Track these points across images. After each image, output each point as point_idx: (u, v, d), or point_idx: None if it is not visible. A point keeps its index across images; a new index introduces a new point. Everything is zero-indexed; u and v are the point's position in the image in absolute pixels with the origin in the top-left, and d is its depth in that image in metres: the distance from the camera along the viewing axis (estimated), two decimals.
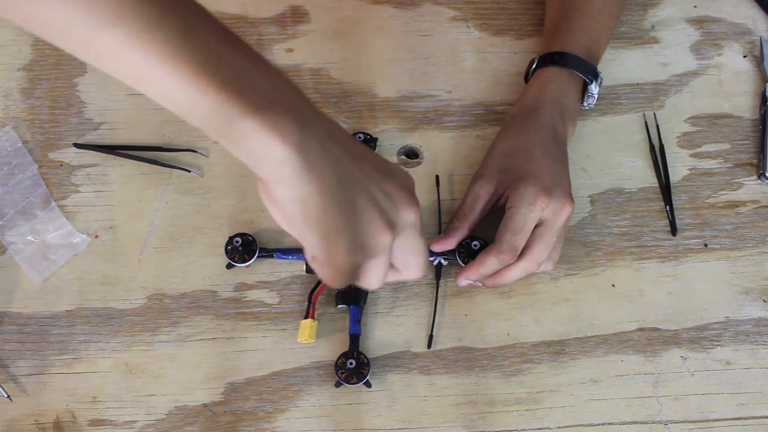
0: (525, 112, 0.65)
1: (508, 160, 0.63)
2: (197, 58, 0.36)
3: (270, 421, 0.62)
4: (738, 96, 0.75)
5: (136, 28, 0.35)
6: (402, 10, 0.78)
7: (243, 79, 0.37)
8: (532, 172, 0.61)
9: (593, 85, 0.67)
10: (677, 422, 0.62)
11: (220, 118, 0.37)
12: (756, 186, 0.71)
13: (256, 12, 0.77)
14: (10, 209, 0.68)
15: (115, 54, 0.36)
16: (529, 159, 0.62)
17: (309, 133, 0.38)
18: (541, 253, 0.60)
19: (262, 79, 0.38)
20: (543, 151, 0.62)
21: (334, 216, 0.40)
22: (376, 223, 0.43)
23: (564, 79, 0.66)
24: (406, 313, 0.65)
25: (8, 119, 0.72)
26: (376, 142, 0.70)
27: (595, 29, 0.69)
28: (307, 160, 0.38)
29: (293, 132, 0.37)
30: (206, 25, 0.38)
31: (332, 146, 0.39)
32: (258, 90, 0.37)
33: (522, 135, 0.64)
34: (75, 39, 0.36)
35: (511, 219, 0.59)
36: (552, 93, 0.66)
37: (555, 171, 0.62)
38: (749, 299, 0.66)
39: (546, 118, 0.64)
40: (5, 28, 0.76)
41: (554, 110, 0.65)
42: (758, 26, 0.78)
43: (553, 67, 0.67)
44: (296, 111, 0.38)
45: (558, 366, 0.64)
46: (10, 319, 0.65)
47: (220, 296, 0.66)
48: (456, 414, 0.62)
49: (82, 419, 0.61)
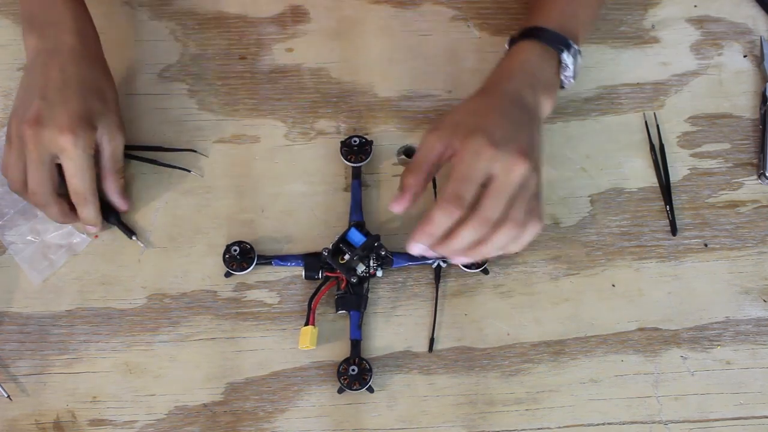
0: (491, 82, 0.64)
1: (464, 116, 0.60)
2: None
3: (270, 421, 0.62)
4: (738, 96, 0.75)
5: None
6: (402, 10, 0.78)
7: (30, 8, 0.65)
8: (483, 126, 0.58)
9: (565, 54, 0.64)
10: (677, 422, 0.62)
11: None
12: (756, 186, 0.71)
13: (256, 12, 0.77)
14: (10, 209, 0.68)
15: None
16: (485, 116, 0.59)
17: (38, 47, 0.64)
18: (491, 210, 0.55)
19: (41, 11, 0.65)
20: (501, 111, 0.60)
21: (24, 81, 0.64)
22: (30, 108, 0.61)
23: (536, 52, 0.64)
24: (406, 314, 0.65)
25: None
26: (371, 145, 0.70)
27: (570, 5, 0.68)
28: (30, 57, 0.65)
29: (29, 43, 0.65)
30: None
31: (46, 62, 0.63)
32: (32, 20, 0.65)
33: (483, 98, 0.62)
34: None
35: (456, 168, 0.56)
36: (520, 64, 0.64)
37: (510, 129, 0.58)
38: (749, 299, 0.66)
39: (512, 86, 0.62)
40: (5, 28, 0.76)
41: (522, 80, 0.63)
42: (758, 26, 0.78)
43: (523, 41, 0.65)
44: (38, 33, 0.64)
45: (558, 366, 0.64)
46: (10, 319, 0.65)
47: (220, 296, 0.66)
48: (456, 414, 0.62)
49: (82, 419, 0.61)
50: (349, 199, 0.69)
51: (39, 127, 0.60)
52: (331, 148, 0.71)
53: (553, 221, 0.69)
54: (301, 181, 0.70)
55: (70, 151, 0.60)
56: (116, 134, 0.65)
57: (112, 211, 0.67)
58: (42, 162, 0.61)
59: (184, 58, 0.74)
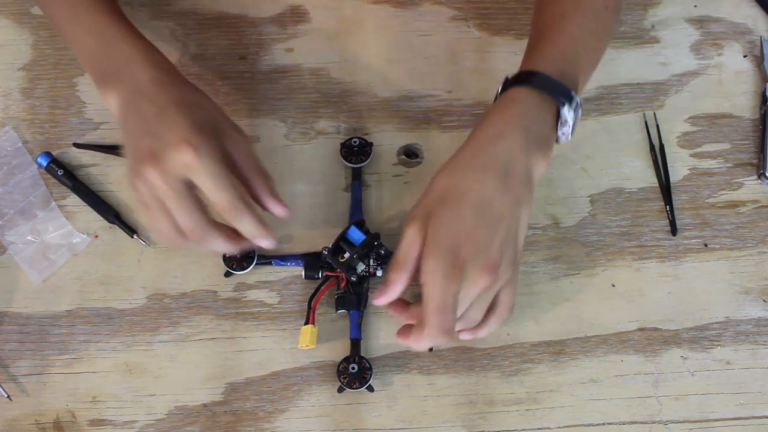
0: (480, 141, 0.57)
1: (438, 205, 0.54)
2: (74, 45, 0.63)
3: (270, 421, 0.62)
4: (738, 96, 0.75)
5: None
6: (402, 10, 0.78)
7: (96, 63, 0.61)
8: (452, 236, 0.53)
9: (566, 108, 0.58)
10: (677, 422, 0.62)
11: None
12: (756, 186, 0.71)
13: (256, 12, 0.77)
14: (10, 209, 0.68)
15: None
16: (457, 215, 0.53)
17: (119, 96, 0.59)
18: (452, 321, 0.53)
19: (105, 62, 0.61)
20: (478, 206, 0.53)
21: (124, 135, 0.57)
22: (141, 149, 0.54)
23: (533, 102, 0.58)
24: None
25: (8, 119, 0.72)
26: (371, 146, 0.70)
27: (573, 49, 0.61)
28: (117, 110, 0.59)
29: (110, 98, 0.59)
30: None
31: (134, 103, 0.57)
32: (102, 75, 0.61)
33: (462, 175, 0.55)
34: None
35: (431, 298, 0.52)
36: (516, 117, 0.57)
37: (483, 237, 0.53)
38: (749, 299, 0.66)
39: (503, 150, 0.55)
40: (5, 28, 0.76)
41: (516, 140, 0.56)
42: (758, 26, 0.78)
43: (520, 87, 0.58)
44: (114, 82, 0.59)
45: (558, 366, 0.64)
46: (10, 319, 0.65)
47: (220, 296, 0.66)
48: (456, 414, 0.62)
49: (82, 419, 0.61)
50: (349, 199, 0.69)
51: (157, 160, 0.53)
52: (331, 148, 0.71)
53: (553, 221, 0.69)
54: (301, 181, 0.70)
55: (196, 163, 0.53)
56: (237, 134, 0.59)
57: (111, 209, 0.67)
58: (178, 192, 0.54)
59: (184, 58, 0.74)
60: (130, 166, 0.55)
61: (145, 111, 0.56)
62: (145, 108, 0.56)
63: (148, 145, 0.54)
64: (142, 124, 0.56)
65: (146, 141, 0.54)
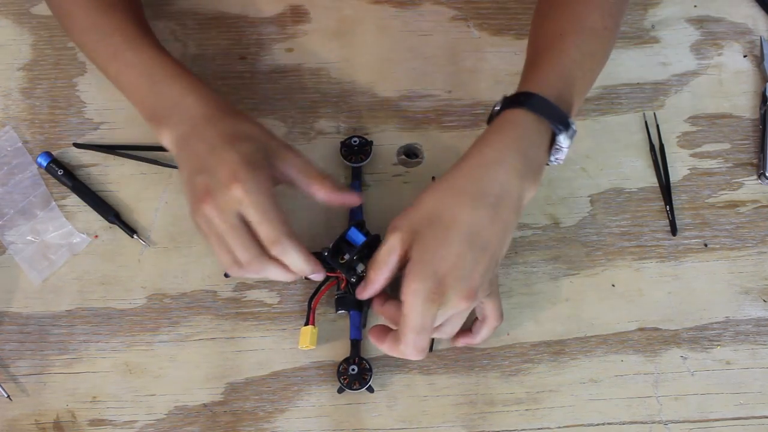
0: (477, 164, 0.56)
1: (425, 226, 0.55)
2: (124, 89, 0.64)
3: (270, 421, 0.62)
4: (738, 96, 0.75)
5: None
6: (402, 9, 0.78)
7: (146, 104, 0.63)
8: (437, 260, 0.53)
9: (562, 136, 0.57)
10: (677, 422, 0.62)
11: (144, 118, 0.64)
12: (756, 186, 0.71)
13: (256, 12, 0.77)
14: (10, 209, 0.68)
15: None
16: (445, 241, 0.54)
17: (172, 137, 0.61)
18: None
19: (155, 101, 0.62)
20: (466, 234, 0.54)
21: (181, 173, 0.59)
22: (197, 187, 0.56)
23: (530, 126, 0.57)
24: None
25: (8, 119, 0.72)
26: (371, 145, 0.70)
27: (570, 70, 0.60)
28: (173, 150, 0.61)
29: (164, 139, 0.61)
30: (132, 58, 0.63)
31: (186, 143, 0.59)
32: (155, 116, 0.62)
33: (455, 202, 0.55)
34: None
35: (409, 318, 0.54)
36: (515, 142, 0.56)
37: (467, 265, 0.54)
38: (749, 299, 0.66)
39: (498, 179, 0.55)
40: (5, 28, 0.76)
41: (512, 166, 0.56)
42: (758, 26, 0.78)
43: (518, 109, 0.57)
44: (166, 124, 0.61)
45: (558, 366, 0.64)
46: (10, 319, 0.65)
47: (220, 296, 0.66)
48: (456, 414, 0.62)
49: (82, 419, 0.61)
50: None
51: (212, 197, 0.56)
52: (331, 148, 0.71)
53: (553, 221, 0.69)
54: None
55: (244, 197, 0.55)
56: (287, 152, 0.60)
57: (111, 209, 0.67)
58: (233, 226, 0.55)
59: (185, 58, 0.74)
60: (190, 203, 0.58)
61: (197, 149, 0.58)
62: (198, 146, 0.58)
63: (202, 182, 0.56)
64: (197, 162, 0.58)
65: (201, 179, 0.57)
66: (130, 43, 0.63)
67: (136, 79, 0.63)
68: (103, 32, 0.64)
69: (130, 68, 0.63)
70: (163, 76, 0.62)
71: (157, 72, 0.62)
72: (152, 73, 0.62)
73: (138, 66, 0.63)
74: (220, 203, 0.55)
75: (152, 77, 0.62)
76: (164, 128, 0.61)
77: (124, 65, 0.63)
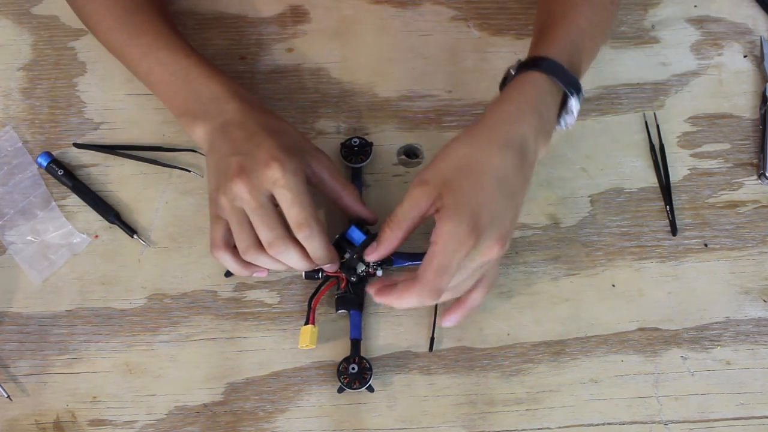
0: (501, 118, 0.58)
1: (456, 174, 0.56)
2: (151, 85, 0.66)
3: (270, 421, 0.62)
4: (738, 96, 0.75)
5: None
6: (402, 10, 0.78)
7: (179, 101, 0.64)
8: (472, 204, 0.54)
9: (574, 100, 0.60)
10: (677, 422, 0.62)
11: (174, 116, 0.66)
12: (756, 186, 0.71)
13: (256, 12, 0.77)
14: (10, 209, 0.68)
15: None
16: (478, 185, 0.55)
17: (208, 128, 0.62)
18: (446, 284, 0.55)
19: (189, 99, 0.63)
20: (497, 179, 0.55)
21: (211, 158, 0.61)
22: (230, 166, 0.57)
23: (546, 88, 0.59)
24: (406, 313, 0.65)
25: (8, 119, 0.72)
26: (371, 146, 0.70)
27: (581, 39, 0.62)
28: (207, 140, 0.62)
29: (199, 131, 0.63)
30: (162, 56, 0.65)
31: (223, 131, 0.60)
32: (188, 112, 0.63)
33: (484, 148, 0.56)
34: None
35: (437, 258, 0.53)
36: (533, 100, 0.58)
37: (499, 209, 0.55)
38: (749, 299, 0.66)
39: (520, 131, 0.57)
40: (5, 28, 0.76)
41: (529, 124, 0.58)
42: (758, 26, 0.78)
43: (535, 71, 0.59)
44: (202, 118, 0.62)
45: (558, 366, 0.64)
46: (10, 319, 0.65)
47: (220, 296, 0.66)
48: (456, 414, 0.62)
49: (82, 419, 0.61)
50: None
51: (246, 175, 0.56)
52: (331, 148, 0.71)
53: (553, 221, 0.69)
54: None
55: (281, 178, 0.56)
56: (320, 154, 0.63)
57: (111, 209, 0.67)
58: (263, 205, 0.56)
59: None
60: (216, 182, 0.59)
61: (234, 136, 0.59)
62: (235, 134, 0.60)
63: (237, 161, 0.57)
64: (232, 147, 0.59)
65: (236, 159, 0.57)
66: (161, 42, 0.65)
67: (169, 77, 0.64)
68: (133, 32, 0.65)
69: (162, 66, 0.64)
70: (197, 74, 0.63)
71: (193, 70, 0.63)
72: (187, 72, 0.63)
73: (171, 64, 0.64)
74: (254, 181, 0.56)
75: (188, 75, 0.63)
76: (199, 122, 0.62)
77: (156, 63, 0.64)
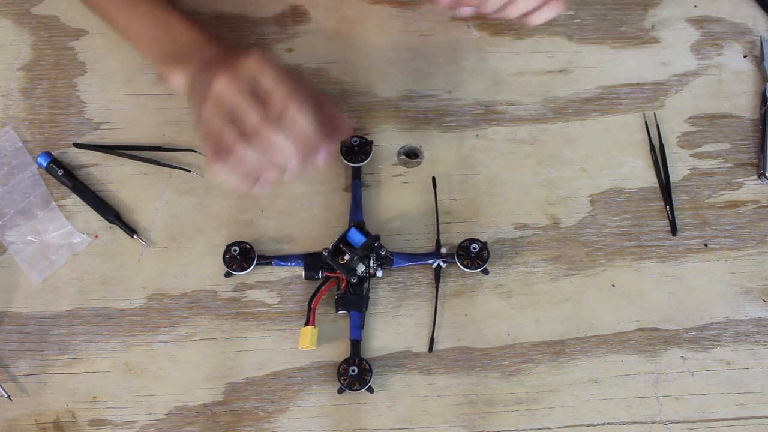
0: None
1: None
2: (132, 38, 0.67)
3: (270, 421, 0.62)
4: (738, 96, 0.75)
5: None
6: (402, 10, 0.78)
7: (158, 49, 0.64)
8: None
9: None
10: (677, 422, 0.62)
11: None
12: (756, 186, 0.71)
13: (256, 12, 0.77)
14: (10, 209, 0.68)
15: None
16: None
17: (188, 68, 0.61)
18: None
19: (169, 45, 0.64)
20: None
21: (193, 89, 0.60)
22: (211, 72, 0.57)
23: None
24: (406, 314, 0.65)
25: (8, 119, 0.72)
26: (371, 145, 0.70)
27: None
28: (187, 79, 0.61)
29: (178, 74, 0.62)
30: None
31: (204, 66, 0.60)
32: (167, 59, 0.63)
33: None
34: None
35: None
36: None
37: None
38: (749, 299, 0.66)
39: None
40: (5, 28, 0.76)
41: None
42: (758, 26, 0.78)
43: None
44: (181, 61, 0.62)
45: (558, 366, 0.64)
46: (10, 319, 0.65)
47: (220, 296, 0.66)
48: (456, 414, 0.62)
49: (82, 419, 0.61)
50: (349, 199, 0.69)
51: (228, 67, 0.56)
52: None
53: (553, 221, 0.69)
54: (300, 181, 0.70)
55: (263, 64, 0.56)
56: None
57: (111, 209, 0.67)
58: (247, 92, 0.56)
59: None
60: (198, 99, 0.58)
61: (214, 65, 0.58)
62: (215, 64, 0.58)
63: (218, 67, 0.57)
64: (213, 69, 0.58)
65: (216, 66, 0.57)
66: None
67: (149, 27, 0.65)
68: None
69: (142, 16, 0.65)
70: (179, 26, 0.64)
71: (173, 22, 0.64)
72: (168, 22, 0.64)
73: (151, 15, 0.65)
74: (237, 72, 0.56)
75: (168, 26, 0.64)
76: (178, 69, 0.62)
77: (136, 15, 0.65)
